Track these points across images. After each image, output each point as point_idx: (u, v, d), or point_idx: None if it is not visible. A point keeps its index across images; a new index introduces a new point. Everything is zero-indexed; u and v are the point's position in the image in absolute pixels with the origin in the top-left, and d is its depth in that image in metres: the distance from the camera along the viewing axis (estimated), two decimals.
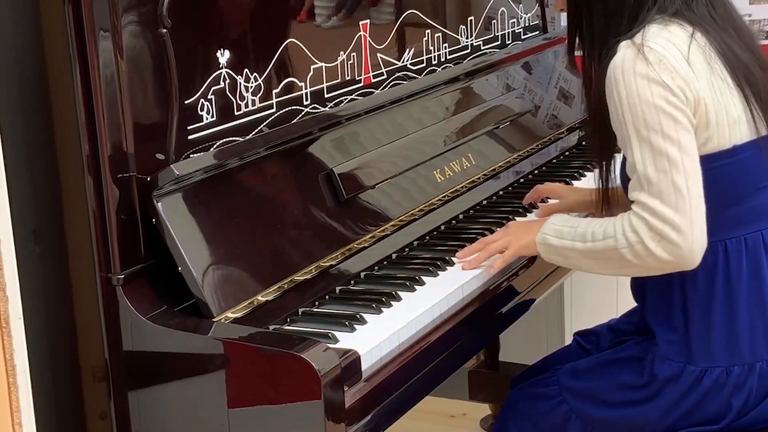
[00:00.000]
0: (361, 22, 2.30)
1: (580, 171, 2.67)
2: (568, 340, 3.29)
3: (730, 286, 1.88)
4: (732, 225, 1.87)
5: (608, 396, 2.00)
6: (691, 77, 1.80)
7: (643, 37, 1.82)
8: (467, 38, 2.71)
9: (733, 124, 1.84)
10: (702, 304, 1.89)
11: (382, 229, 2.12)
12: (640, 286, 2.03)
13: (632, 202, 1.84)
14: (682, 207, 1.77)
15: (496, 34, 2.85)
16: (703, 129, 1.82)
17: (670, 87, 1.78)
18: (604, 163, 1.99)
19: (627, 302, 2.98)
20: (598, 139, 1.98)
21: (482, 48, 2.78)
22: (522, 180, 2.61)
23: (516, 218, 2.32)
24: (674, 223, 1.78)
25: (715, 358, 1.89)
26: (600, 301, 3.32)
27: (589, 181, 2.62)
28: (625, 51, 1.81)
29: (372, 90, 2.32)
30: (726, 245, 1.87)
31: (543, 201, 2.40)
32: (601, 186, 2.01)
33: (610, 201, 2.01)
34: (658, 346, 1.94)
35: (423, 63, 2.52)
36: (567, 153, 2.87)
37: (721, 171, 1.84)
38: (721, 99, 1.83)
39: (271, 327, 1.78)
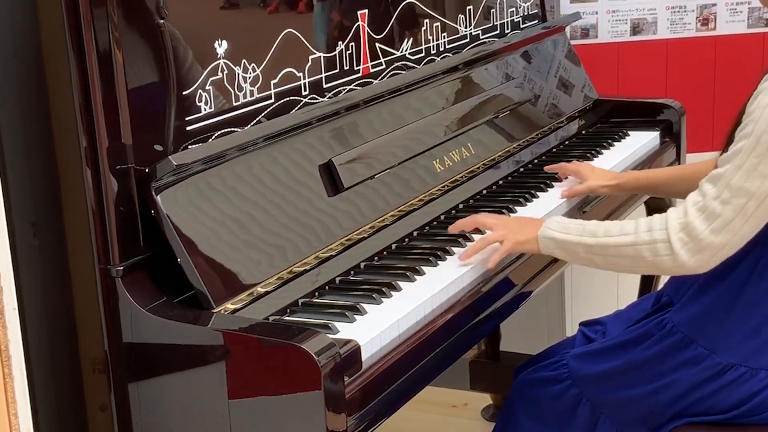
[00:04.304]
0: (359, 12, 2.30)
1: (580, 160, 2.65)
2: (569, 329, 3.30)
3: None
4: None
5: (619, 377, 1.98)
6: None
7: None
8: (466, 27, 2.70)
9: None
10: (748, 305, 1.87)
11: (381, 219, 2.11)
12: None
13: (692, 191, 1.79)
14: (724, 234, 1.74)
15: (495, 24, 2.85)
16: None
17: None
18: None
19: (628, 292, 2.99)
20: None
21: (481, 37, 2.77)
22: (521, 169, 2.61)
23: (516, 208, 2.32)
24: (704, 240, 1.74)
25: (745, 358, 1.87)
26: (601, 290, 3.32)
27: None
28: None
29: (370, 80, 2.32)
30: None
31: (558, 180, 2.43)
32: None
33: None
34: (687, 326, 1.92)
35: (422, 53, 2.51)
36: (567, 142, 2.87)
37: None
38: None
39: (271, 318, 1.78)
